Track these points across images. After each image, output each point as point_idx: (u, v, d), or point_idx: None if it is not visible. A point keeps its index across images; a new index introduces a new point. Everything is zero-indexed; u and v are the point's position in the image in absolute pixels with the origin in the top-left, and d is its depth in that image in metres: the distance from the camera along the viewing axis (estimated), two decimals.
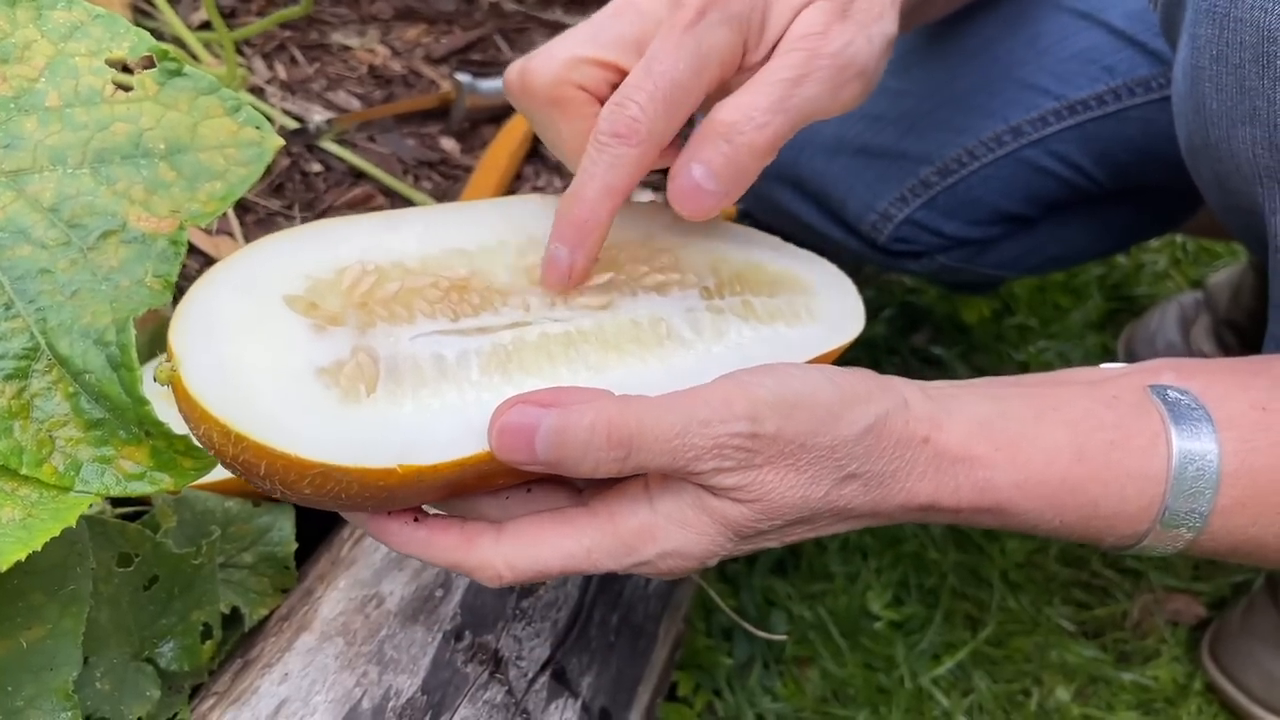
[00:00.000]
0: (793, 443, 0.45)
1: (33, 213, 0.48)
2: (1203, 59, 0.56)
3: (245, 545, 0.62)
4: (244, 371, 0.42)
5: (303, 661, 0.56)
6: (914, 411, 0.47)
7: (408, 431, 0.43)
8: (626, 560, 0.47)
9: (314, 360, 0.43)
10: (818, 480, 0.46)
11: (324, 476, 0.42)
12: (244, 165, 0.52)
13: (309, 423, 0.42)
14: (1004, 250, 0.90)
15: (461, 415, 0.44)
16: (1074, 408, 0.50)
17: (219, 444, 0.42)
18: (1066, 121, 0.81)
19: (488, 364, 0.46)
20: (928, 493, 0.48)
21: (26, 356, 0.45)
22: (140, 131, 0.50)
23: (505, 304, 0.48)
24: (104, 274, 0.47)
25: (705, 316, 0.52)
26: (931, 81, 0.84)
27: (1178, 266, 1.41)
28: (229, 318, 0.43)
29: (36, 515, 0.43)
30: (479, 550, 0.47)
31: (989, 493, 0.48)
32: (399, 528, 0.47)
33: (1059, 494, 0.49)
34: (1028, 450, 0.48)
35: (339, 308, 0.45)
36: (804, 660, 0.93)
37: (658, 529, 0.46)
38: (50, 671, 0.47)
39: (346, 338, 0.45)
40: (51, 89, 0.50)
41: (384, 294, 0.46)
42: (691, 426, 0.43)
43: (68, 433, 0.45)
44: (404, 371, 0.45)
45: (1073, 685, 0.94)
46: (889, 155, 0.85)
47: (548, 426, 0.43)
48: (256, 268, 0.45)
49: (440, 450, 0.43)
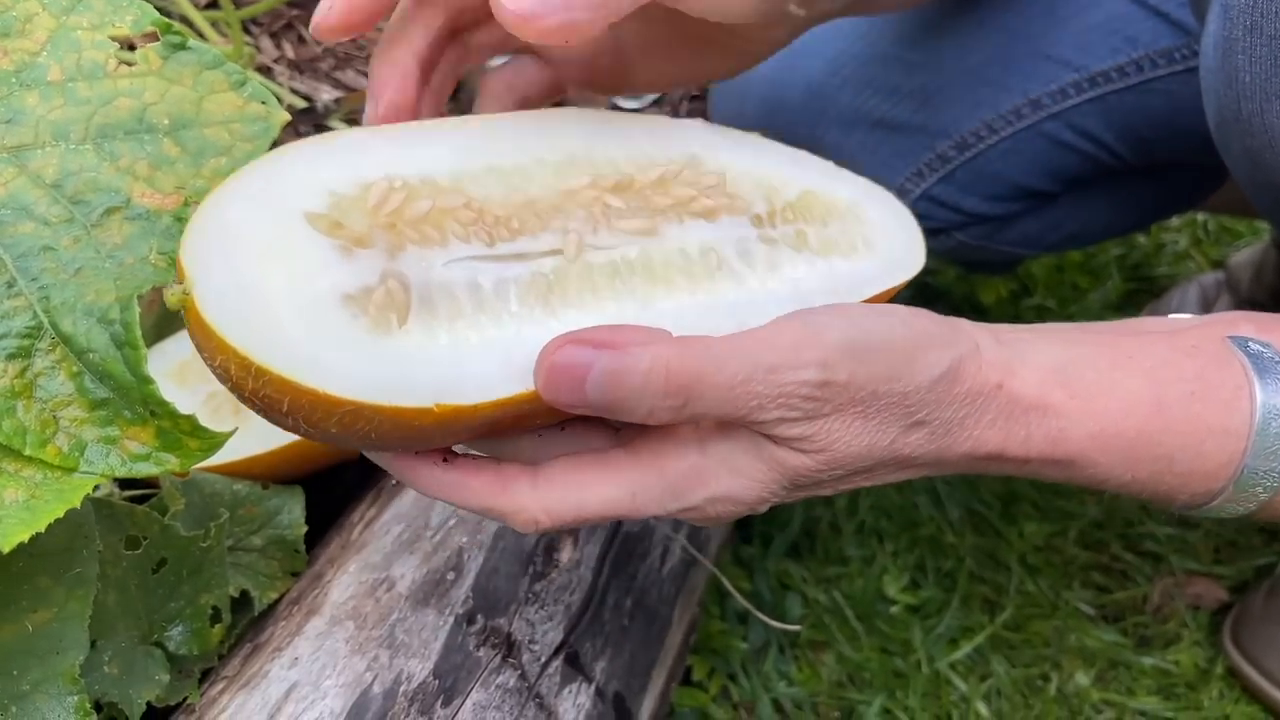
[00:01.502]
0: (864, 389, 0.42)
1: (35, 189, 0.47)
2: (1236, 30, 0.54)
3: (255, 528, 0.61)
4: (265, 297, 0.38)
5: (313, 645, 0.55)
6: (986, 356, 0.45)
7: (444, 368, 0.40)
8: (672, 505, 0.45)
9: (340, 286, 0.40)
10: (884, 428, 0.43)
11: (354, 415, 0.39)
12: (249, 141, 0.51)
13: (337, 356, 0.38)
14: (1023, 227, 0.88)
15: (502, 351, 0.41)
16: (1152, 356, 0.47)
17: (236, 377, 0.38)
18: (1087, 94, 0.80)
19: (527, 294, 0.43)
20: (996, 441, 0.45)
21: (29, 335, 0.44)
22: (144, 106, 0.49)
23: (545, 228, 0.44)
24: (107, 251, 0.46)
25: (758, 247, 0.48)
26: (949, 53, 0.82)
27: (1198, 246, 1.39)
28: (246, 235, 0.39)
29: (40, 496, 0.43)
30: (515, 494, 0.44)
31: (1061, 444, 0.46)
32: (428, 470, 0.44)
33: (1134, 447, 0.46)
34: (1104, 399, 0.46)
35: (365, 228, 0.41)
36: (819, 645, 0.92)
37: (708, 473, 0.44)
38: (57, 655, 0.47)
39: (375, 261, 0.41)
40: (53, 63, 0.49)
41: (414, 213, 0.42)
42: (756, 374, 0.41)
43: (72, 413, 0.44)
44: (438, 301, 0.41)
45: (1092, 670, 0.93)
46: (906, 129, 0.84)
47: (601, 369, 0.40)
48: (275, 179, 0.41)
49: (480, 389, 0.40)
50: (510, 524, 0.45)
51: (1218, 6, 0.56)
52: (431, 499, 0.47)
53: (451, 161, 0.45)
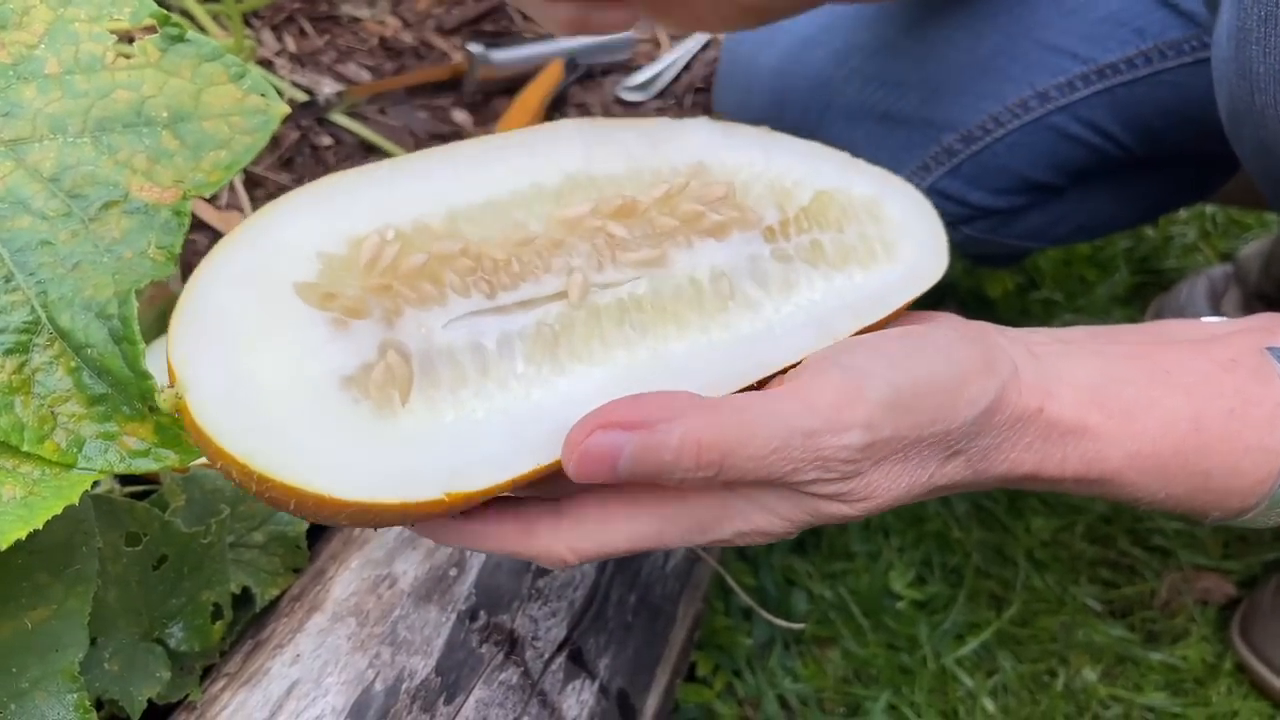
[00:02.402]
0: (907, 439, 0.41)
1: (33, 183, 0.46)
2: (1250, 21, 0.54)
3: (256, 524, 0.61)
4: (259, 394, 0.37)
5: (314, 642, 0.55)
6: (1025, 379, 0.44)
7: (452, 450, 0.38)
8: (699, 539, 0.44)
9: (337, 367, 0.38)
10: (924, 465, 0.43)
11: (362, 512, 0.37)
12: (249, 134, 0.50)
13: (341, 455, 0.37)
14: (1030, 220, 0.87)
15: (512, 425, 0.40)
16: (1190, 371, 0.46)
17: (240, 479, 0.37)
18: (1095, 86, 0.79)
19: (533, 350, 0.41)
20: (1032, 464, 0.45)
21: (27, 330, 0.44)
22: (142, 99, 0.49)
23: (547, 269, 0.43)
24: (106, 245, 0.46)
25: (771, 266, 0.47)
26: (955, 46, 0.82)
27: (1206, 239, 1.38)
28: (235, 321, 0.38)
29: (38, 493, 0.42)
30: (539, 538, 0.43)
31: (1098, 464, 0.45)
32: (446, 524, 0.44)
33: (1170, 466, 0.46)
34: (1141, 419, 0.45)
35: (359, 293, 0.39)
36: (825, 640, 0.92)
37: (734, 510, 0.43)
38: (56, 652, 0.46)
39: (372, 332, 0.39)
40: (51, 55, 0.49)
41: (409, 268, 0.40)
42: (794, 439, 0.39)
43: (70, 409, 0.44)
44: (440, 369, 0.40)
45: (1100, 665, 0.93)
46: (911, 122, 0.83)
47: (631, 453, 0.38)
48: (259, 249, 0.39)
49: (491, 471, 0.39)
50: (537, 563, 0.45)
51: None
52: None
53: (445, 198, 0.43)
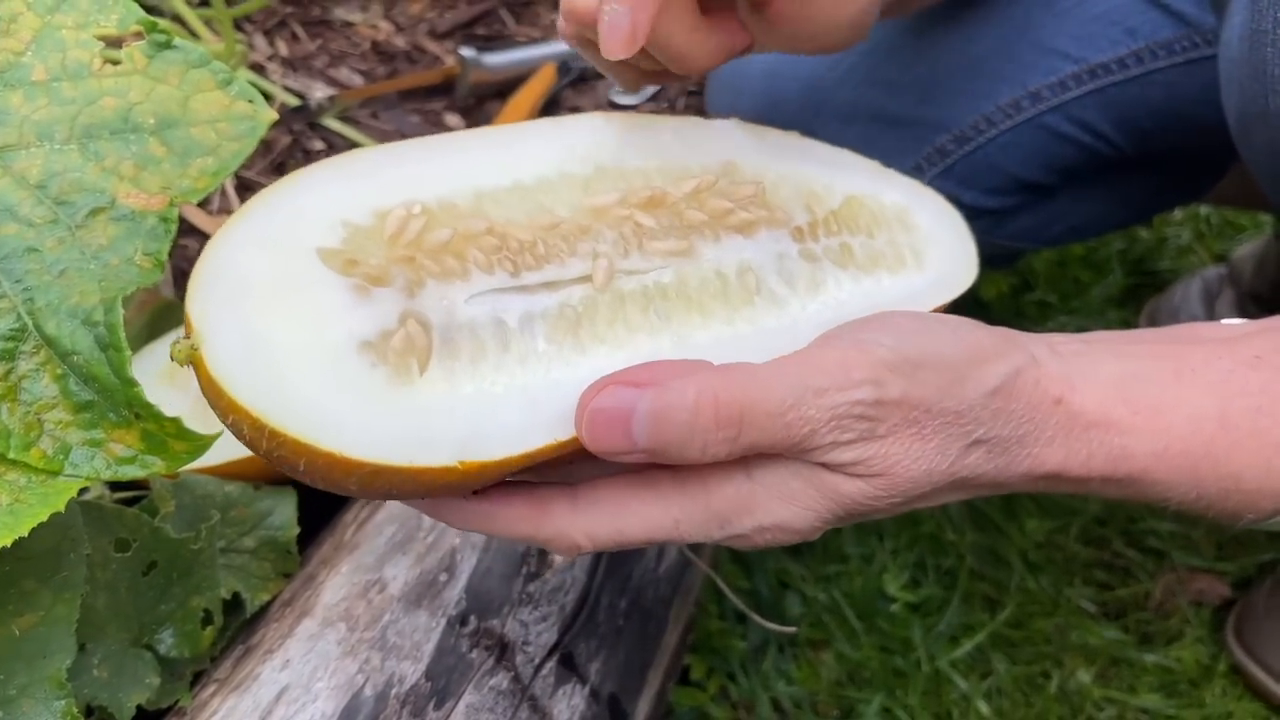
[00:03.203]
0: (918, 407, 0.41)
1: (19, 190, 0.46)
2: (1265, 22, 0.53)
3: (246, 529, 0.61)
4: (276, 351, 0.37)
5: (304, 648, 0.55)
6: (1045, 369, 0.43)
7: (468, 420, 0.38)
8: (717, 533, 0.42)
9: (357, 332, 0.38)
10: (944, 449, 0.42)
11: (374, 475, 0.37)
12: (236, 140, 0.50)
13: (355, 415, 0.37)
14: (1023, 220, 0.87)
15: (529, 399, 0.39)
16: (1215, 369, 0.46)
17: (250, 436, 0.36)
18: (1087, 86, 0.79)
19: (555, 330, 0.41)
20: (1056, 460, 0.44)
21: (13, 338, 0.44)
22: (129, 106, 0.49)
23: (572, 253, 0.42)
24: (92, 252, 0.46)
25: (799, 265, 0.46)
26: (947, 47, 0.82)
27: (1201, 240, 1.38)
28: (255, 281, 0.37)
29: (24, 500, 0.42)
30: (553, 520, 0.42)
31: (1124, 462, 0.44)
32: (456, 504, 0.42)
33: (1200, 465, 0.45)
34: (1169, 415, 0.44)
35: (382, 262, 0.39)
36: (819, 643, 0.92)
37: (756, 502, 0.42)
38: (44, 659, 0.46)
39: (393, 301, 0.39)
40: (38, 62, 0.49)
41: (434, 242, 0.40)
42: (806, 397, 0.39)
43: (56, 415, 0.44)
44: (461, 342, 0.39)
45: (1094, 667, 0.93)
46: (904, 122, 0.83)
47: (645, 410, 0.38)
48: (284, 213, 0.39)
49: (506, 442, 0.38)
50: (550, 549, 0.43)
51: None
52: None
53: (473, 179, 0.42)
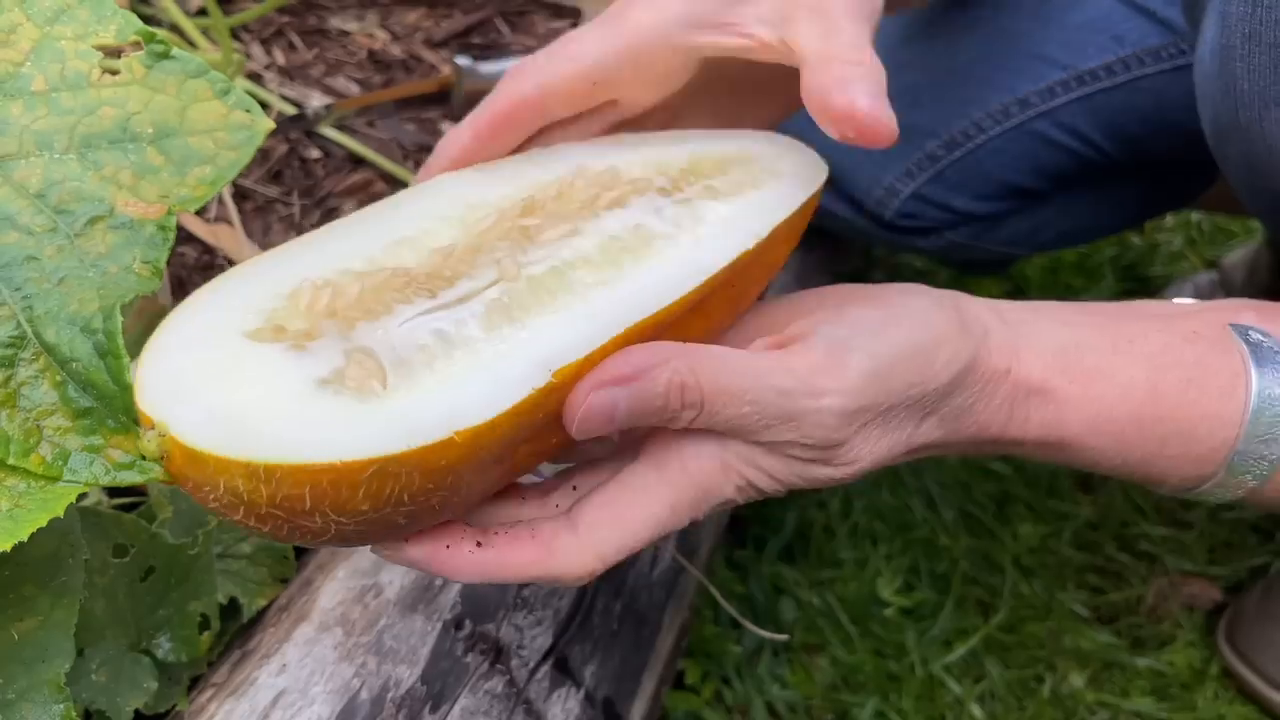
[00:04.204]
0: (885, 404, 0.44)
1: (19, 199, 0.47)
2: (1234, 38, 0.54)
3: (243, 535, 0.61)
4: (243, 408, 0.38)
5: (301, 652, 0.55)
6: (994, 341, 0.47)
7: (446, 400, 0.40)
8: (707, 504, 0.45)
9: (310, 375, 0.39)
10: (902, 427, 0.45)
11: (381, 475, 0.37)
12: (234, 149, 0.51)
13: (340, 427, 0.38)
14: (1014, 226, 0.88)
15: (492, 370, 0.41)
16: (1152, 341, 0.49)
17: (248, 493, 0.37)
18: (1075, 93, 0.80)
19: (490, 320, 0.43)
20: (999, 424, 0.47)
21: (13, 345, 0.45)
22: (128, 116, 0.49)
23: (475, 267, 0.45)
24: (91, 260, 0.46)
25: (677, 210, 0.50)
26: (936, 53, 0.83)
27: (1193, 246, 1.39)
28: (196, 372, 0.39)
29: (24, 506, 0.43)
30: (562, 554, 0.43)
31: (1057, 428, 0.47)
32: (465, 558, 0.43)
33: (1127, 431, 0.48)
34: (1102, 385, 0.47)
35: (308, 324, 0.41)
36: (813, 648, 0.92)
37: (731, 466, 0.45)
38: (42, 664, 0.47)
39: (332, 346, 0.41)
40: (38, 73, 0.49)
41: (346, 300, 0.43)
42: (766, 395, 0.42)
43: (55, 422, 0.44)
44: (409, 356, 0.41)
45: (1086, 671, 0.93)
46: None
47: (624, 406, 0.41)
48: (200, 320, 0.42)
49: (489, 404, 0.40)
50: (564, 584, 0.44)
51: (1215, 14, 0.56)
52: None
53: (361, 250, 0.46)
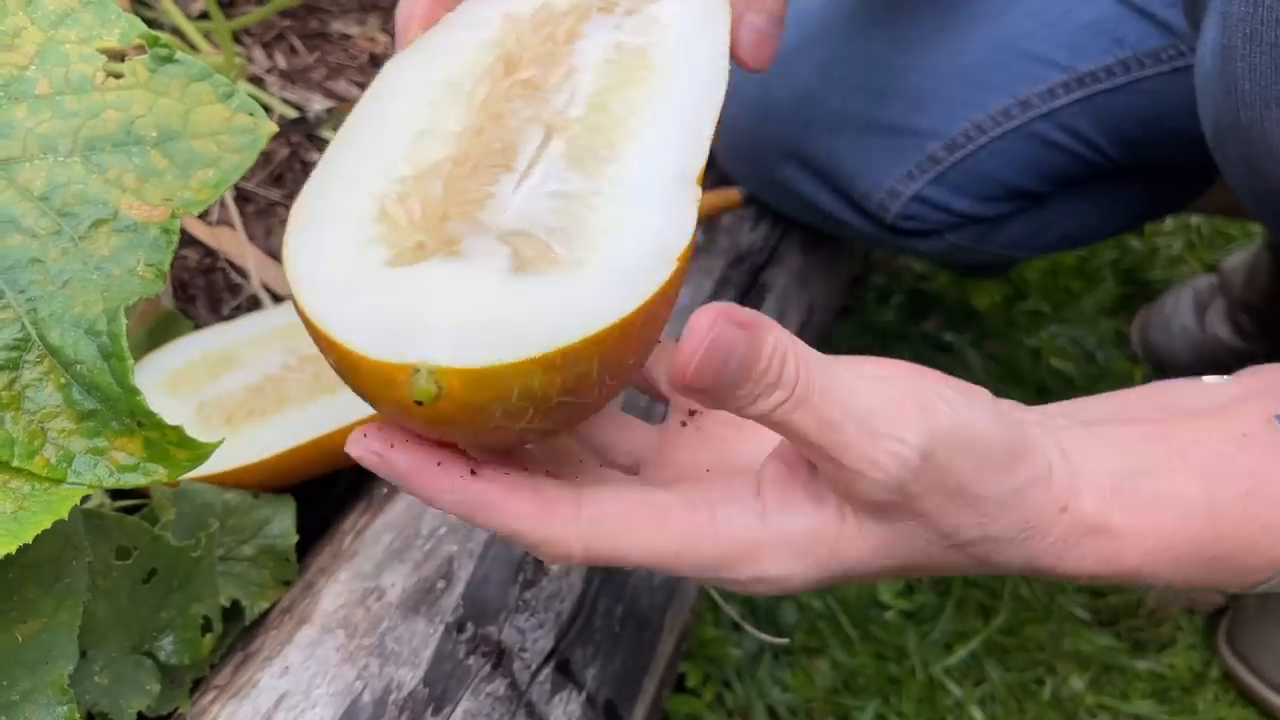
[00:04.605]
0: (952, 479, 0.41)
1: (23, 201, 0.47)
2: (1235, 38, 0.54)
3: (245, 538, 0.62)
4: (483, 317, 0.36)
5: (303, 654, 0.55)
6: (1055, 475, 0.44)
7: (641, 238, 0.39)
8: (710, 574, 0.42)
9: (496, 267, 0.38)
10: (956, 527, 0.42)
11: (647, 316, 0.37)
12: (237, 152, 0.51)
13: (588, 293, 0.37)
14: (1015, 228, 0.88)
15: (643, 198, 0.41)
16: (1205, 452, 0.47)
17: (541, 390, 0.35)
18: (1076, 94, 0.80)
19: (586, 168, 0.43)
20: (1051, 560, 0.44)
21: (17, 347, 0.45)
22: (132, 119, 0.49)
23: (514, 132, 0.44)
24: (95, 263, 0.46)
25: (631, 21, 0.50)
26: (937, 56, 0.83)
27: (1192, 250, 1.39)
28: (396, 313, 0.37)
29: (28, 508, 0.43)
30: (554, 524, 0.40)
31: (1116, 562, 0.45)
32: (450, 480, 0.39)
33: (1188, 556, 0.46)
34: (1160, 513, 0.45)
35: (433, 235, 0.40)
36: (814, 651, 0.92)
37: (763, 551, 0.41)
38: (46, 665, 0.47)
39: (479, 241, 0.39)
40: (42, 76, 0.49)
41: (441, 201, 0.41)
42: (849, 421, 0.39)
43: (60, 424, 0.44)
44: (553, 222, 0.41)
45: (1087, 674, 0.93)
46: (896, 130, 0.84)
47: (739, 357, 0.37)
48: (328, 279, 0.39)
49: (674, 224, 0.40)
50: (538, 553, 0.41)
51: (1215, 14, 0.56)
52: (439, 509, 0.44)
53: (393, 155, 0.44)
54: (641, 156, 0.43)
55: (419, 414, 0.36)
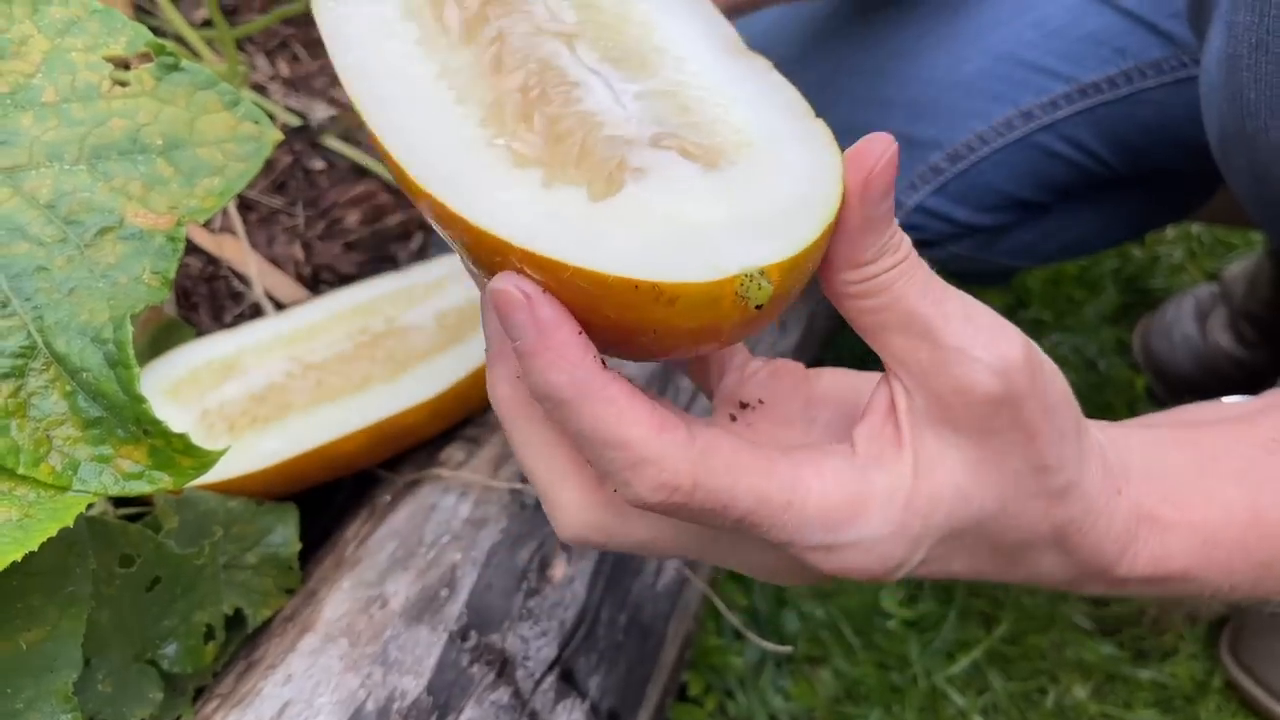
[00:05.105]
0: (1048, 396, 0.39)
1: (30, 209, 0.47)
2: (1241, 47, 0.55)
3: (248, 546, 0.61)
4: (740, 213, 0.35)
5: (306, 663, 0.55)
6: (1107, 455, 0.43)
7: (779, 111, 0.39)
8: (820, 535, 0.38)
9: (693, 173, 0.37)
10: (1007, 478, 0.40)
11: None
12: (242, 160, 0.51)
13: (804, 175, 0.37)
14: (1017, 238, 0.88)
15: (731, 78, 0.40)
16: (1236, 456, 0.46)
17: (811, 272, 0.36)
18: (1078, 105, 0.80)
19: (622, 61, 0.41)
20: (1111, 554, 0.42)
21: (23, 355, 0.45)
22: (138, 127, 0.49)
23: (517, 38, 0.41)
24: (101, 271, 0.47)
25: None
26: (939, 67, 0.83)
27: (1193, 259, 1.39)
28: (661, 234, 0.35)
29: (34, 515, 0.43)
30: (669, 442, 0.35)
31: (1165, 563, 0.43)
32: (583, 357, 0.34)
33: (1234, 557, 0.44)
34: (1206, 509, 0.44)
35: (590, 172, 0.37)
36: (816, 660, 0.92)
37: (869, 505, 0.38)
38: (50, 673, 0.47)
39: (636, 148, 0.37)
40: (48, 84, 0.49)
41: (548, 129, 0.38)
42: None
43: (65, 432, 0.44)
44: (677, 124, 0.38)
45: (1090, 683, 0.93)
46: (898, 140, 0.84)
47: (889, 199, 0.36)
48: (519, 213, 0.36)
49: (780, 91, 0.40)
50: (627, 477, 0.35)
51: (1221, 24, 0.56)
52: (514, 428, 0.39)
53: (460, 102, 0.41)
54: (678, 41, 0.41)
55: (744, 321, 0.34)
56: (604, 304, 0.34)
